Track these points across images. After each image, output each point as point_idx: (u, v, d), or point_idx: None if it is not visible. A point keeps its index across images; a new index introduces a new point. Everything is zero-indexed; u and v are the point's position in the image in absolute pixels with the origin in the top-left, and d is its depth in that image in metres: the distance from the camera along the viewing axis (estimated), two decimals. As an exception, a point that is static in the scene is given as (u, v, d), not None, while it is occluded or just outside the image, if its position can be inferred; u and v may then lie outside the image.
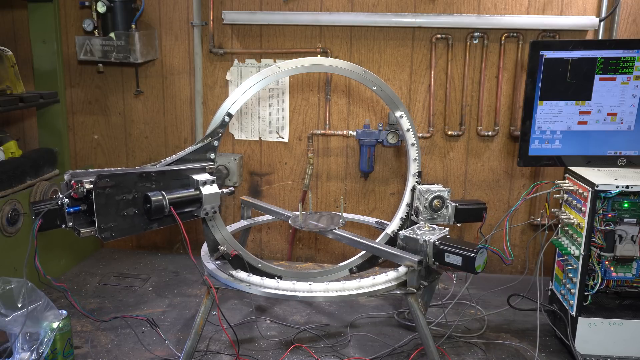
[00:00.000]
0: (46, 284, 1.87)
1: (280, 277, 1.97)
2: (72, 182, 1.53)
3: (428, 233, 1.85)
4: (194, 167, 1.76)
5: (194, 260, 1.76)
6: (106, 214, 1.56)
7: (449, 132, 2.84)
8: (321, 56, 2.83)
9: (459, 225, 2.49)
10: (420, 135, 2.84)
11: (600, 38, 2.63)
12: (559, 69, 2.16)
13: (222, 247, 1.86)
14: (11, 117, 3.05)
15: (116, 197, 1.57)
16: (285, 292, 1.78)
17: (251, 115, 2.99)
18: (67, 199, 1.54)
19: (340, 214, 2.11)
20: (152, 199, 1.59)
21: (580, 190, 1.99)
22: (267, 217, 2.47)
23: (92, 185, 1.52)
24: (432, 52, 2.77)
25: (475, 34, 2.72)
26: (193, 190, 1.70)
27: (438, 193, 2.03)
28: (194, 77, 2.95)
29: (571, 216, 2.07)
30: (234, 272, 1.86)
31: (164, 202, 1.61)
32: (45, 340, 1.90)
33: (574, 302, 2.03)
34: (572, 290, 2.04)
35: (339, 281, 1.81)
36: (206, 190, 1.72)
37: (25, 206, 2.56)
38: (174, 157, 1.77)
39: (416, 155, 2.13)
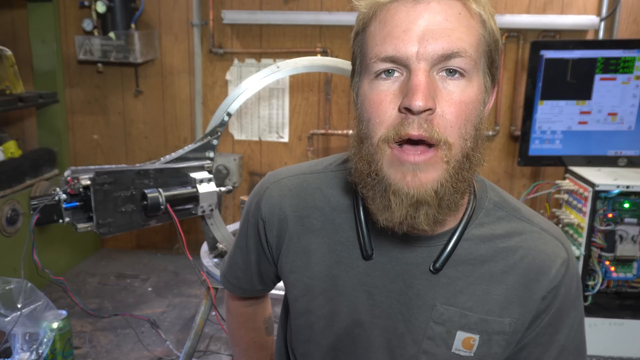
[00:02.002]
0: (44, 277, 1.86)
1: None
2: (69, 178, 1.53)
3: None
4: (193, 166, 1.76)
5: (189, 257, 1.75)
6: (104, 209, 1.56)
7: (449, 132, 2.84)
8: (321, 56, 2.82)
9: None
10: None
11: (600, 38, 2.62)
12: (559, 68, 2.15)
13: (221, 245, 1.85)
14: (10, 117, 3.04)
15: (114, 193, 1.57)
16: (284, 292, 1.77)
17: (251, 115, 2.99)
18: (64, 195, 1.54)
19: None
20: (149, 195, 1.59)
21: (581, 191, 1.98)
22: (266, 217, 2.46)
23: (89, 182, 1.52)
24: (432, 52, 2.77)
25: (476, 33, 2.71)
26: (190, 188, 1.70)
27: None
28: (193, 77, 2.95)
29: (571, 216, 2.06)
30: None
31: (161, 199, 1.61)
32: (45, 340, 1.89)
33: (575, 302, 2.02)
34: (573, 290, 2.03)
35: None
36: (203, 188, 1.71)
37: (25, 206, 2.56)
38: (173, 155, 1.77)
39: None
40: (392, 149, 0.75)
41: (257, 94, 2.92)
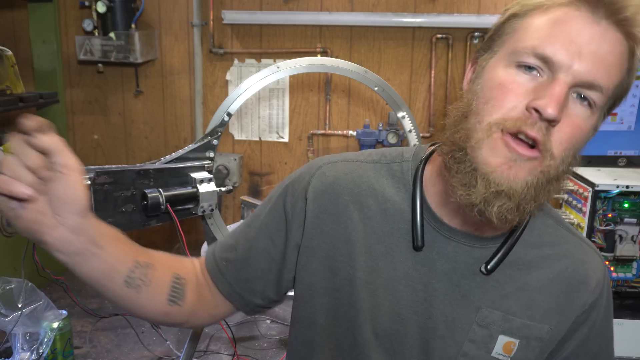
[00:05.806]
0: (44, 277, 1.86)
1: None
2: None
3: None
4: (193, 166, 1.76)
5: (189, 256, 1.75)
6: (104, 209, 1.56)
7: (449, 132, 2.84)
8: (321, 56, 2.83)
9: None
10: (421, 135, 2.84)
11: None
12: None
13: (221, 246, 1.85)
14: (11, 117, 3.04)
15: (114, 193, 1.57)
16: (284, 291, 1.77)
17: (251, 115, 2.99)
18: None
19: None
20: (149, 195, 1.59)
21: (581, 190, 1.99)
22: (266, 216, 2.46)
23: (89, 182, 1.52)
24: (432, 52, 2.77)
25: (476, 33, 2.72)
26: (190, 187, 1.70)
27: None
28: (193, 77, 2.95)
29: (571, 216, 2.06)
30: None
31: (161, 199, 1.61)
32: (45, 340, 1.90)
33: (574, 302, 2.02)
34: (572, 290, 2.03)
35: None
36: (203, 188, 1.71)
37: (25, 206, 2.55)
38: (173, 155, 1.77)
39: (416, 154, 2.12)
40: (503, 135, 0.75)
41: (257, 94, 2.92)
